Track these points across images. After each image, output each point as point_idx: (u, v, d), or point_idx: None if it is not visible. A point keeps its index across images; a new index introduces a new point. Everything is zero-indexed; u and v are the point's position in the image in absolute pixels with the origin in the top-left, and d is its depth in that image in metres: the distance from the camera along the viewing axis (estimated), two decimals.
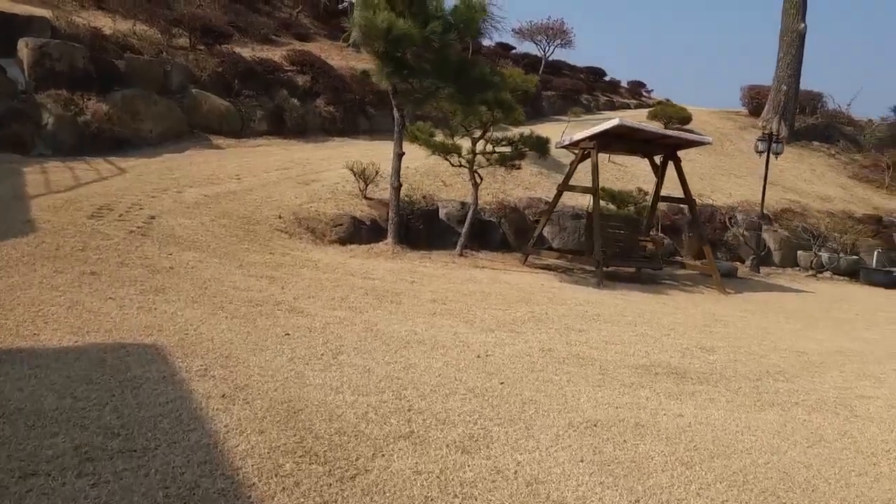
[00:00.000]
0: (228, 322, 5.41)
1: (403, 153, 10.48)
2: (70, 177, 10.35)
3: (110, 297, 5.58)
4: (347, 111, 18.32)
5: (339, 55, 21.14)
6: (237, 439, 3.36)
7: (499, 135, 11.86)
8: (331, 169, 13.47)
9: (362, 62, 21.37)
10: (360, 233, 10.67)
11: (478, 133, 11.64)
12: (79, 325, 4.79)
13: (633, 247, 12.27)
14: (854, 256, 16.60)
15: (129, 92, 13.55)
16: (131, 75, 13.89)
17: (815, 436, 4.47)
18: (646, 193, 14.59)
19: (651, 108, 26.07)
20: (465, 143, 11.87)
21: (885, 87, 77.33)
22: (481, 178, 11.74)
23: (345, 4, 26.71)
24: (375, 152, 15.66)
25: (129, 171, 11.35)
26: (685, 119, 23.04)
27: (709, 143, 12.78)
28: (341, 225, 10.51)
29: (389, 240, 10.42)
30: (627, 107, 32.59)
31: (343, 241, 10.25)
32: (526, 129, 12.82)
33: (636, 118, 26.21)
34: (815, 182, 22.96)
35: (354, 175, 11.76)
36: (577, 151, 11.87)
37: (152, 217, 8.67)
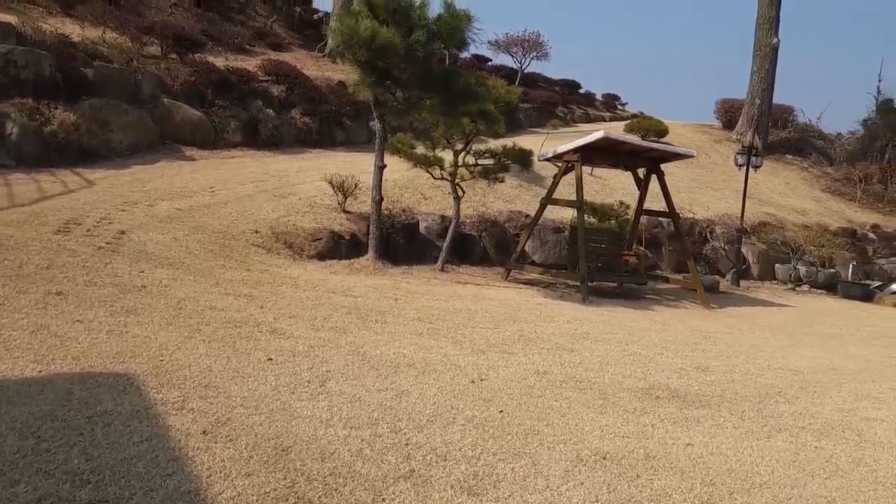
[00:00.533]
0: (206, 346, 5.06)
1: (385, 165, 10.20)
2: (35, 189, 9.89)
3: (78, 320, 5.20)
4: (323, 122, 17.98)
5: (314, 65, 20.82)
6: (221, 484, 3.03)
7: (480, 147, 11.65)
8: (307, 181, 13.13)
9: (338, 73, 21.11)
10: (339, 247, 10.35)
11: (459, 145, 11.41)
12: (43, 353, 4.41)
13: (616, 261, 12.11)
14: (832, 270, 16.65)
15: (98, 101, 13.08)
16: (100, 84, 13.43)
17: (831, 465, 4.26)
18: (627, 207, 14.46)
19: (628, 121, 26.10)
20: (446, 156, 11.63)
21: (852, 101, 79.15)
22: (463, 192, 11.49)
23: (319, 14, 26.42)
24: (353, 164, 15.34)
25: (97, 184, 10.90)
26: (662, 132, 23.08)
27: (692, 157, 12.70)
28: (320, 239, 10.18)
29: (370, 255, 10.11)
30: (602, 119, 32.66)
31: (322, 257, 9.92)
32: (504, 142, 12.64)
33: (614, 131, 26.26)
34: (789, 195, 23.13)
35: (333, 188, 11.45)
36: (560, 164, 11.69)
37: (122, 232, 8.26)
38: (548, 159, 11.86)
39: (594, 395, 5.16)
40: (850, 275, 17.11)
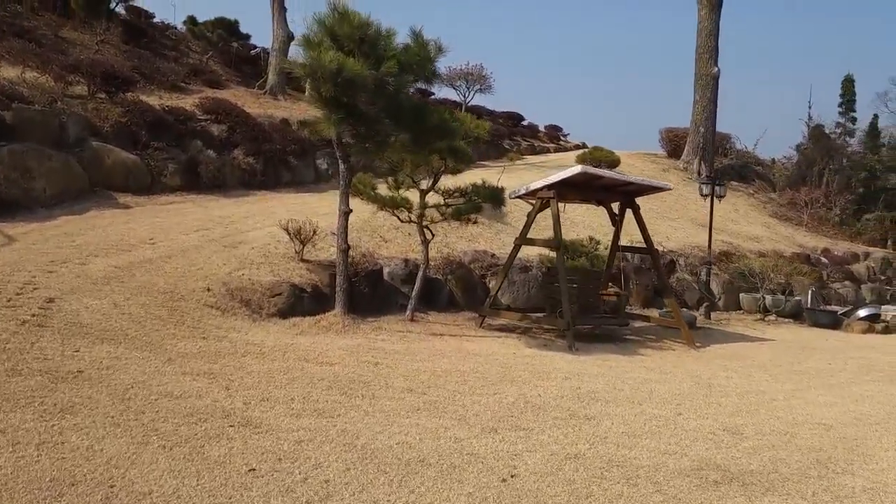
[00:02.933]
0: (167, 457, 4.00)
1: (350, 210, 9.26)
2: None
3: None
4: (268, 162, 16.89)
5: (255, 103, 19.76)
6: None
7: (449, 185, 10.84)
8: (258, 227, 12.05)
9: (281, 110, 20.11)
10: (301, 302, 9.31)
11: (426, 184, 10.58)
12: None
13: (594, 302, 11.41)
14: (797, 298, 16.43)
15: (19, 147, 11.72)
16: (20, 128, 12.07)
17: None
18: (598, 242, 13.87)
19: (579, 153, 25.86)
20: (411, 196, 10.79)
21: (782, 127, 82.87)
22: (433, 235, 10.63)
23: (257, 50, 25.40)
24: (304, 206, 14.33)
25: (18, 240, 9.59)
26: (613, 163, 22.83)
27: (669, 190, 12.20)
28: (280, 294, 9.12)
29: (338, 310, 9.10)
30: (548, 151, 32.51)
31: (284, 314, 8.85)
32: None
33: (564, 162, 25.92)
34: (741, 222, 23.14)
35: (289, 235, 10.41)
36: (533, 201, 10.97)
37: (51, 300, 7.05)
38: (520, 196, 11.14)
39: (647, 488, 4.31)
40: (809, 301, 16.91)
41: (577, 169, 10.10)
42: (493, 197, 10.49)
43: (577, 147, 34.86)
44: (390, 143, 8.34)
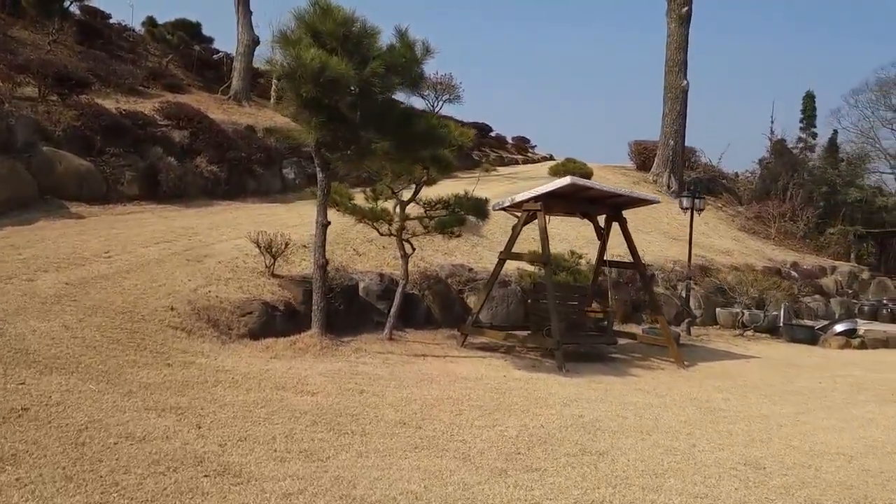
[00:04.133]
0: None
1: (329, 223, 8.62)
2: None
3: None
4: (233, 171, 16.11)
5: (219, 108, 18.92)
6: None
7: (430, 196, 10.26)
8: (223, 240, 11.29)
9: (246, 116, 19.32)
10: (273, 321, 8.60)
11: (406, 195, 9.99)
12: None
13: (581, 320, 10.93)
14: (774, 313, 16.23)
15: None
16: None
17: None
18: (580, 257, 13.43)
19: (550, 164, 25.55)
20: (389, 206, 10.19)
21: (742, 141, 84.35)
22: (413, 249, 10.03)
23: (220, 55, 24.50)
24: (271, 217, 13.62)
25: None
26: (587, 175, 22.45)
27: (658, 202, 11.82)
28: (251, 313, 8.40)
29: (315, 330, 8.41)
30: (516, 162, 32.18)
31: (255, 335, 8.13)
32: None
33: (536, 173, 25.56)
34: (711, 235, 23.03)
35: (259, 248, 9.69)
36: (518, 214, 10.46)
37: None
38: (504, 208, 10.61)
39: None
40: (782, 316, 16.73)
41: (566, 180, 9.63)
42: (476, 209, 9.95)
43: (544, 159, 34.64)
44: (375, 151, 7.70)
